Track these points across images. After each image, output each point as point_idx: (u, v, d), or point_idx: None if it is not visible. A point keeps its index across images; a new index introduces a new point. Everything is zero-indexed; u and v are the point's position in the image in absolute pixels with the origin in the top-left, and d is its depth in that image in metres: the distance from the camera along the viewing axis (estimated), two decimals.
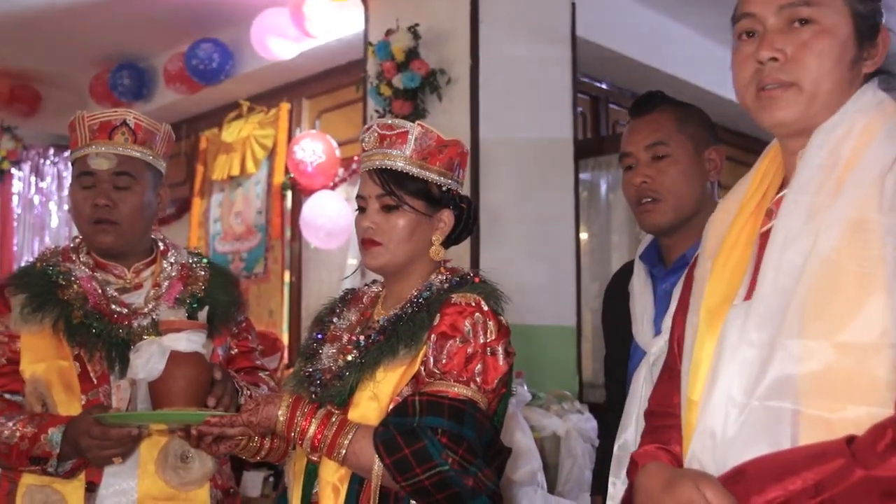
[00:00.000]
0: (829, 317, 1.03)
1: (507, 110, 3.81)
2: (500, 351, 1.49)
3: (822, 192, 1.10)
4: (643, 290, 1.88)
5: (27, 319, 1.77)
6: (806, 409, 1.02)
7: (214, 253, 5.95)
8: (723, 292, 1.17)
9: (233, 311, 1.94)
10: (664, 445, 1.23)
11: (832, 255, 1.05)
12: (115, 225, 1.82)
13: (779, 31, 1.16)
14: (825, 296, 1.04)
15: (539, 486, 2.91)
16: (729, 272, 1.19)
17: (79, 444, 1.61)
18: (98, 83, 6.30)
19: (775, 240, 1.12)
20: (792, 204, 1.12)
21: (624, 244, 4.38)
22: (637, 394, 1.77)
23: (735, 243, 1.20)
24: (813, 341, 1.03)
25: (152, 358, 1.61)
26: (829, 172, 1.11)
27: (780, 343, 1.05)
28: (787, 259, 1.09)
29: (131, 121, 1.85)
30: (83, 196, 1.82)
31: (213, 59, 5.46)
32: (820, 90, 1.14)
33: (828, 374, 1.02)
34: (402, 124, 1.59)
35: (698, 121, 1.88)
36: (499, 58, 3.79)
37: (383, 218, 1.57)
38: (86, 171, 1.82)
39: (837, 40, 1.14)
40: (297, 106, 5.63)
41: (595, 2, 4.36)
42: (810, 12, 1.14)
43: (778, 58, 1.15)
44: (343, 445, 1.42)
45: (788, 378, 1.03)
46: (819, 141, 1.14)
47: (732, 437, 1.07)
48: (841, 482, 0.96)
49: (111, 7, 5.30)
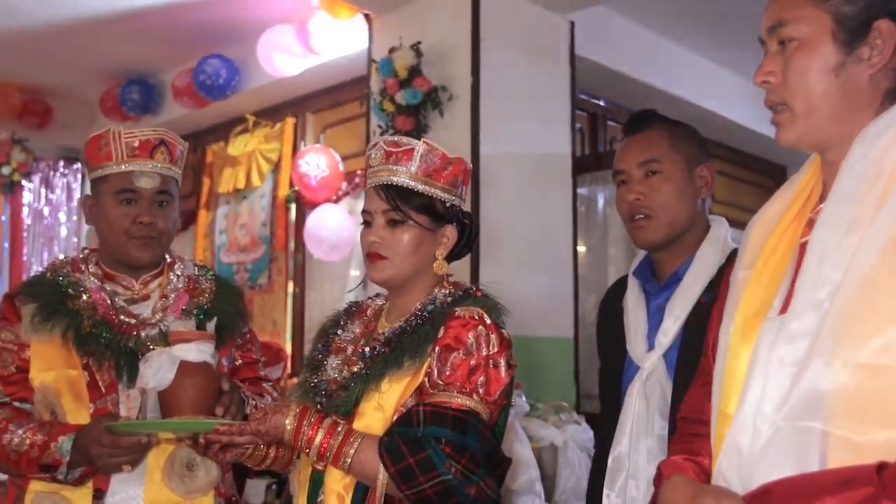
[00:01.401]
0: (862, 337, 0.99)
1: (506, 126, 3.82)
2: (502, 363, 1.49)
3: (864, 204, 1.05)
4: (637, 306, 1.87)
5: (37, 328, 1.76)
6: (835, 430, 0.98)
7: (219, 264, 5.94)
8: (758, 302, 1.14)
9: (237, 322, 1.94)
10: (692, 456, 1.20)
11: (870, 272, 1.01)
12: (156, 240, 1.84)
13: (773, 54, 1.15)
14: (860, 315, 1.00)
15: (537, 496, 2.91)
16: (766, 282, 1.15)
17: (89, 452, 1.61)
18: (108, 97, 6.32)
19: (812, 252, 1.08)
20: (831, 216, 1.08)
21: (620, 257, 4.39)
22: (630, 408, 1.77)
23: (773, 252, 1.17)
24: (844, 360, 0.99)
25: (162, 367, 1.61)
26: (873, 183, 1.06)
27: (812, 361, 1.01)
28: (823, 273, 1.05)
29: (168, 140, 1.87)
30: (123, 211, 1.82)
31: (220, 75, 5.48)
32: (810, 105, 1.12)
33: (859, 395, 0.98)
34: (408, 142, 1.59)
35: (690, 138, 1.88)
36: (499, 75, 3.80)
37: (389, 232, 1.57)
38: (129, 189, 1.82)
39: (814, 52, 1.11)
40: (302, 121, 5.64)
41: (593, 21, 4.38)
42: (789, 30, 1.13)
43: (769, 80, 1.14)
44: (349, 454, 1.42)
45: (818, 397, 1.00)
46: (862, 149, 1.09)
47: (759, 454, 1.04)
48: None
49: (121, 23, 5.33)
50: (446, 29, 3.78)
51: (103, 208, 1.84)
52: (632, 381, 1.80)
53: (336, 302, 5.00)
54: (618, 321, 1.91)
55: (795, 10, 1.13)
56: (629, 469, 1.75)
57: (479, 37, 3.74)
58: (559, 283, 3.98)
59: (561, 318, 3.96)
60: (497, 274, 3.52)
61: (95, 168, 1.86)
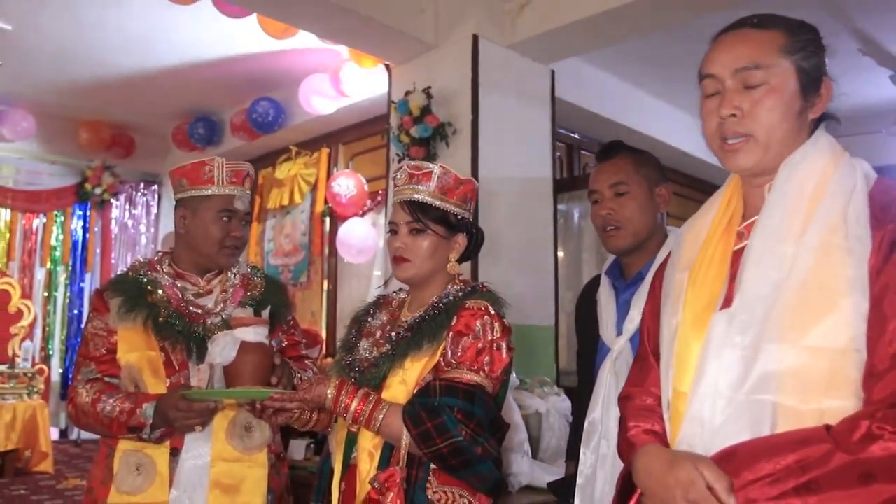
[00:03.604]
0: (803, 325, 0.98)
1: (500, 154, 3.82)
2: (503, 346, 1.49)
3: (792, 219, 1.05)
4: (608, 300, 1.87)
5: (123, 318, 1.76)
6: (784, 401, 0.97)
7: (268, 266, 5.95)
8: (706, 300, 1.11)
9: (284, 312, 1.93)
10: (649, 427, 1.16)
11: (806, 275, 1.00)
12: (239, 250, 1.86)
13: (736, 91, 1.10)
14: (801, 307, 0.99)
15: (525, 454, 2.90)
16: (709, 283, 1.12)
17: (168, 415, 1.61)
18: (179, 132, 6.34)
19: (750, 257, 1.07)
20: (764, 228, 1.07)
21: (592, 261, 4.38)
22: (603, 382, 1.77)
23: (711, 259, 1.14)
24: (790, 344, 0.98)
25: (226, 347, 1.61)
26: (796, 202, 1.06)
27: (762, 346, 1.00)
28: (763, 274, 1.04)
29: (250, 171, 1.89)
30: (221, 226, 1.81)
31: (269, 114, 5.50)
32: (773, 139, 1.09)
33: (803, 373, 0.97)
34: (427, 166, 1.59)
35: (651, 164, 1.87)
36: (494, 113, 3.80)
37: (411, 240, 1.57)
38: (229, 209, 1.82)
39: (785, 96, 1.09)
40: (335, 150, 5.65)
41: (570, 70, 4.39)
42: (763, 75, 1.09)
43: (736, 114, 1.10)
44: (378, 419, 1.42)
45: (770, 375, 0.99)
46: (785, 174, 1.09)
47: (719, 424, 1.02)
48: (825, 465, 0.91)
49: (190, 72, 5.36)
50: (451, 76, 3.79)
51: (202, 222, 1.81)
52: (604, 361, 1.79)
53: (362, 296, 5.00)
54: (592, 312, 1.91)
55: (769, 58, 1.09)
56: (601, 431, 1.75)
57: (478, 83, 3.74)
58: (542, 281, 3.97)
59: (544, 309, 3.95)
60: (493, 274, 3.52)
61: (197, 188, 1.82)
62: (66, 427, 7.10)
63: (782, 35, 1.10)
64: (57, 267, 7.03)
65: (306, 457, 3.17)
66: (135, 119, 6.58)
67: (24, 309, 6.17)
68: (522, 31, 3.84)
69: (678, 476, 0.99)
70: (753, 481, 0.94)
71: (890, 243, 0.99)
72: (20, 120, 6.34)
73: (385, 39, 3.79)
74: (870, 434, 0.91)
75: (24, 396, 5.68)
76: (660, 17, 3.55)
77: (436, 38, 3.87)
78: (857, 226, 1.01)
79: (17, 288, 6.23)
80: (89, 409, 1.70)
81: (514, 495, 2.73)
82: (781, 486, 0.92)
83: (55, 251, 7.02)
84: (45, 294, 6.97)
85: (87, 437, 6.64)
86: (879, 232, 1.00)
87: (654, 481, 1.04)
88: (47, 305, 6.97)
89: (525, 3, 3.83)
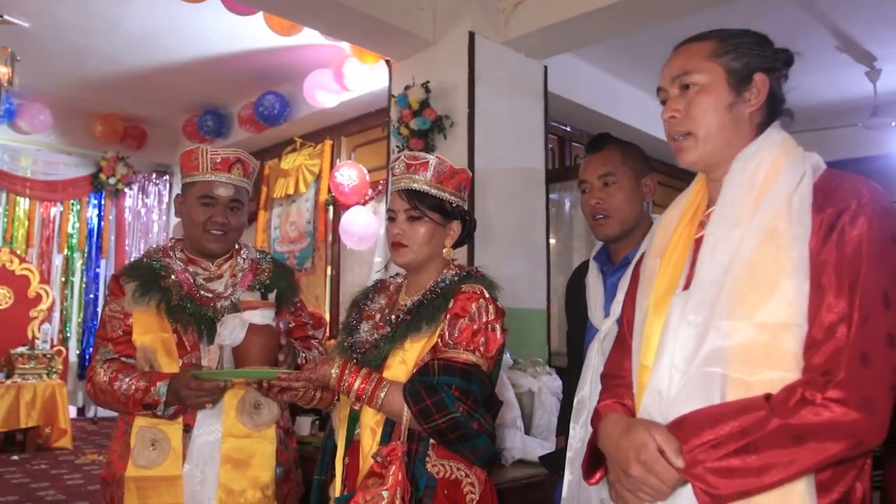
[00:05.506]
0: (749, 303, 1.02)
1: (495, 146, 3.81)
2: (497, 327, 1.49)
3: (743, 207, 1.09)
4: (596, 283, 1.87)
5: (137, 301, 1.76)
6: (732, 373, 1.01)
7: (274, 252, 5.94)
8: (667, 284, 1.16)
9: (290, 294, 1.93)
10: (619, 399, 1.22)
11: (752, 256, 1.04)
12: (225, 236, 1.83)
13: (676, 97, 1.18)
14: (747, 286, 1.03)
15: (518, 429, 2.91)
16: (672, 268, 1.17)
17: (180, 393, 1.62)
18: (189, 124, 6.32)
19: (707, 244, 1.11)
20: (718, 216, 1.12)
21: (582, 247, 4.38)
22: (591, 361, 1.76)
23: (676, 246, 1.19)
24: (737, 321, 1.02)
25: (235, 329, 1.61)
26: (748, 192, 1.10)
27: (712, 323, 1.04)
28: (716, 259, 1.08)
29: (243, 159, 1.86)
30: (202, 211, 1.80)
31: (275, 107, 5.48)
32: (710, 133, 1.15)
33: (749, 347, 1.01)
34: (423, 156, 1.58)
35: (638, 155, 1.87)
36: (489, 107, 3.79)
37: (409, 226, 1.56)
38: (209, 195, 1.80)
39: (714, 94, 1.14)
40: (338, 142, 5.63)
41: (562, 65, 4.37)
42: (692, 78, 1.15)
43: (675, 115, 1.17)
44: (380, 397, 1.42)
45: (719, 350, 1.03)
46: (739, 166, 1.13)
47: (675, 395, 1.06)
48: (761, 429, 0.96)
49: (199, 67, 5.32)
50: (449, 72, 3.77)
51: (188, 207, 1.83)
52: (592, 341, 1.79)
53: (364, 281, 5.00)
54: (581, 295, 1.91)
55: (696, 63, 1.16)
56: (590, 408, 1.74)
57: (474, 78, 3.72)
58: (535, 266, 3.98)
59: (536, 293, 3.96)
60: (488, 259, 3.53)
61: (187, 175, 1.85)
62: (83, 405, 7.13)
63: (713, 42, 1.17)
64: (73, 253, 7.02)
65: (311, 432, 3.18)
66: (147, 112, 6.55)
67: (42, 293, 6.18)
68: (516, 28, 3.82)
69: (633, 439, 1.04)
70: (699, 445, 0.98)
71: (829, 226, 1.02)
72: (38, 113, 6.32)
73: (386, 36, 3.77)
74: (803, 399, 0.96)
75: (44, 376, 5.69)
76: (646, 15, 3.54)
77: (434, 35, 3.85)
78: (800, 211, 1.05)
79: (36, 273, 6.23)
80: (107, 387, 1.71)
81: (507, 468, 2.74)
82: (724, 448, 0.97)
83: (72, 238, 7.01)
84: (63, 279, 6.97)
85: (104, 414, 6.67)
86: (819, 216, 1.03)
87: (613, 445, 1.09)
88: (65, 290, 6.97)
89: (519, 1, 3.81)
